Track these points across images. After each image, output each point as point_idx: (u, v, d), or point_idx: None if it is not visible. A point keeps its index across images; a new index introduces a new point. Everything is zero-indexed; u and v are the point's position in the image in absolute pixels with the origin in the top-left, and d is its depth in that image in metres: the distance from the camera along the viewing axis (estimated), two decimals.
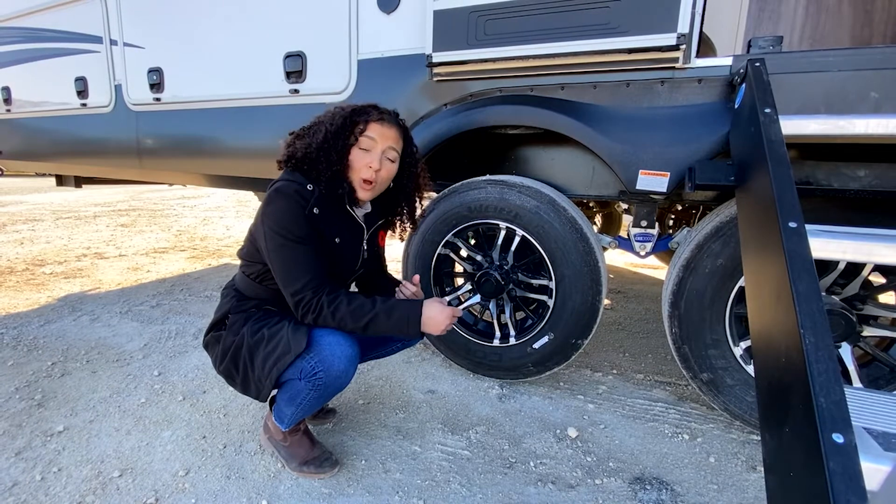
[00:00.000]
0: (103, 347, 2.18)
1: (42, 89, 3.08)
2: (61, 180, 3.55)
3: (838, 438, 0.56)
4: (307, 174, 1.21)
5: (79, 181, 3.50)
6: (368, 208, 1.36)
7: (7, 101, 3.28)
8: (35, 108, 3.16)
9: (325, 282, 1.18)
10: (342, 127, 1.21)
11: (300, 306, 1.16)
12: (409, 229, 1.48)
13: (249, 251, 1.29)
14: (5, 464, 1.37)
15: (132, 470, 1.35)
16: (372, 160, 1.22)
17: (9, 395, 1.74)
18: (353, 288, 1.50)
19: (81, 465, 1.37)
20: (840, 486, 0.53)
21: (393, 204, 1.42)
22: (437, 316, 1.16)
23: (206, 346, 1.32)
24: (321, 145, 1.19)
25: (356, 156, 1.22)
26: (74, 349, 2.15)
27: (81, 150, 3.02)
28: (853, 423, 0.58)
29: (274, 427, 1.35)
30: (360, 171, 1.22)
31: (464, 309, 1.91)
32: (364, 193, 1.26)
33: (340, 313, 1.14)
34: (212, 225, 5.97)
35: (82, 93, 2.84)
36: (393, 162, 1.28)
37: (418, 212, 1.47)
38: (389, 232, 1.49)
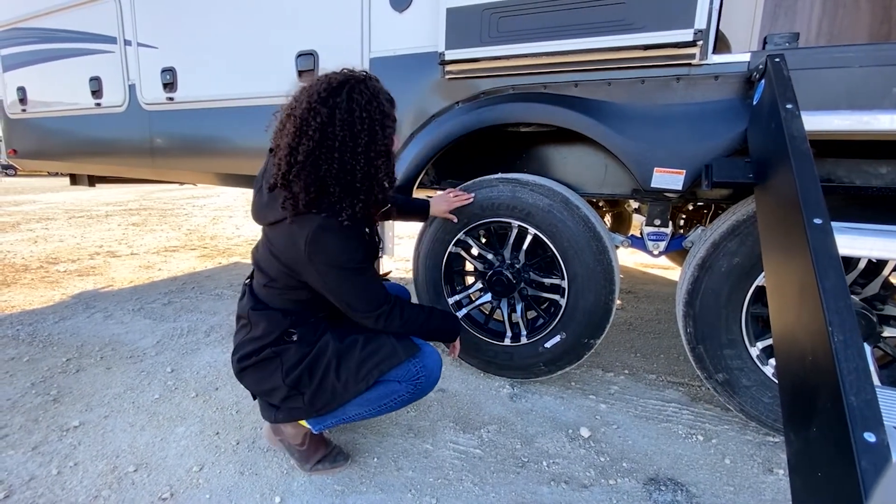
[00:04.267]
0: (117, 344, 2.20)
1: (57, 89, 3.11)
2: (75, 179, 3.60)
3: (870, 437, 0.55)
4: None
5: (92, 180, 3.55)
6: None
7: (22, 101, 3.32)
8: (50, 108, 3.19)
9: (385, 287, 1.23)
10: (385, 137, 1.10)
11: (381, 319, 1.18)
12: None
13: (287, 283, 1.17)
14: (22, 458, 1.39)
15: (147, 465, 1.36)
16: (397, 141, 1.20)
17: (25, 390, 1.77)
18: None
19: (97, 460, 1.38)
20: (873, 485, 0.52)
21: None
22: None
23: (247, 369, 1.19)
24: (366, 171, 1.07)
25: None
26: (88, 346, 2.17)
27: (95, 149, 3.05)
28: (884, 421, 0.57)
29: (293, 431, 1.31)
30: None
31: (474, 307, 1.91)
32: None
33: (420, 319, 1.24)
34: (221, 224, 6.01)
35: (96, 93, 2.87)
36: None
37: None
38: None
